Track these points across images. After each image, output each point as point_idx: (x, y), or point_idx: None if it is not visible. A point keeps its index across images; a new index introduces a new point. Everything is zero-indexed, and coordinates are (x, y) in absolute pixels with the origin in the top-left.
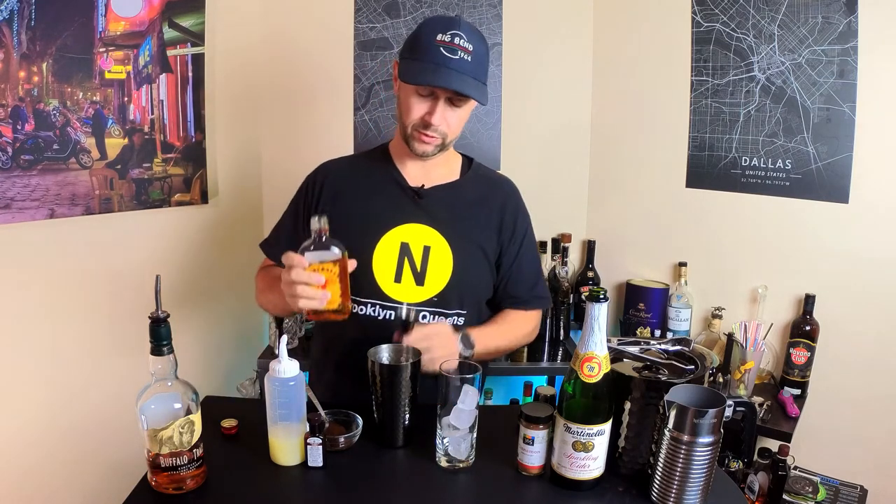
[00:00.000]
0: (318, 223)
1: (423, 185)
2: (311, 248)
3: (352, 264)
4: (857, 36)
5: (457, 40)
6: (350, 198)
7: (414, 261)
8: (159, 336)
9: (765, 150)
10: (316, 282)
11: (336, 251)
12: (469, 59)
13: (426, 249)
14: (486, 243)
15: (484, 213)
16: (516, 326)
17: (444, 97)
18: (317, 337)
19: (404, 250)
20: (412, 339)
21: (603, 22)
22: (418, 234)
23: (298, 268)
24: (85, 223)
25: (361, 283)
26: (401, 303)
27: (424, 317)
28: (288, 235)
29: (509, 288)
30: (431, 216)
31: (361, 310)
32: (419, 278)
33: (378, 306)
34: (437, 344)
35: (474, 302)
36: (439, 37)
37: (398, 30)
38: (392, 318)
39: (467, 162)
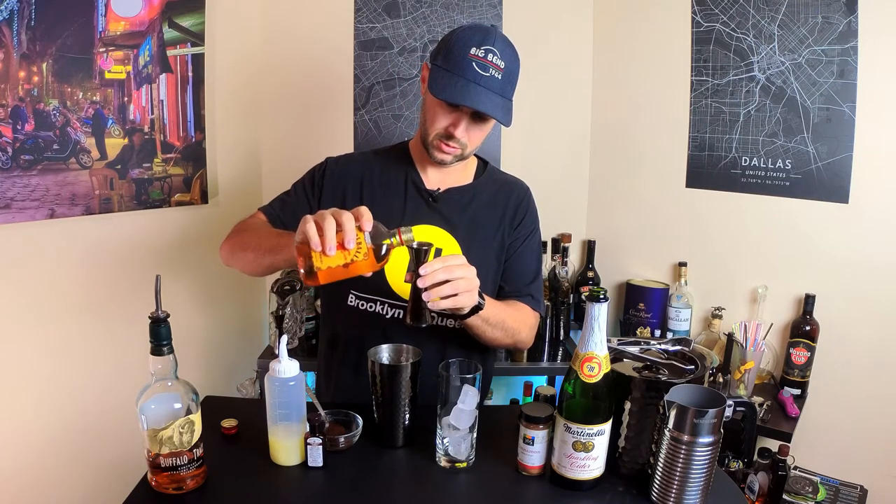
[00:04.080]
0: (405, 232)
1: (438, 189)
2: (377, 231)
3: (369, 272)
4: (857, 36)
5: (490, 56)
6: (368, 192)
7: (425, 262)
8: (159, 336)
9: (765, 150)
10: (348, 239)
11: (382, 252)
12: (499, 76)
13: (438, 253)
14: (497, 245)
15: (496, 216)
16: (519, 312)
17: (469, 112)
18: (322, 334)
19: None
20: (430, 270)
21: (603, 22)
22: (431, 237)
23: (354, 218)
24: (85, 223)
25: (372, 281)
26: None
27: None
28: (292, 209)
29: (505, 279)
30: (444, 219)
31: (371, 307)
32: None
33: (387, 304)
34: (461, 275)
35: None
36: (473, 51)
37: (398, 30)
38: (400, 315)
39: (482, 165)
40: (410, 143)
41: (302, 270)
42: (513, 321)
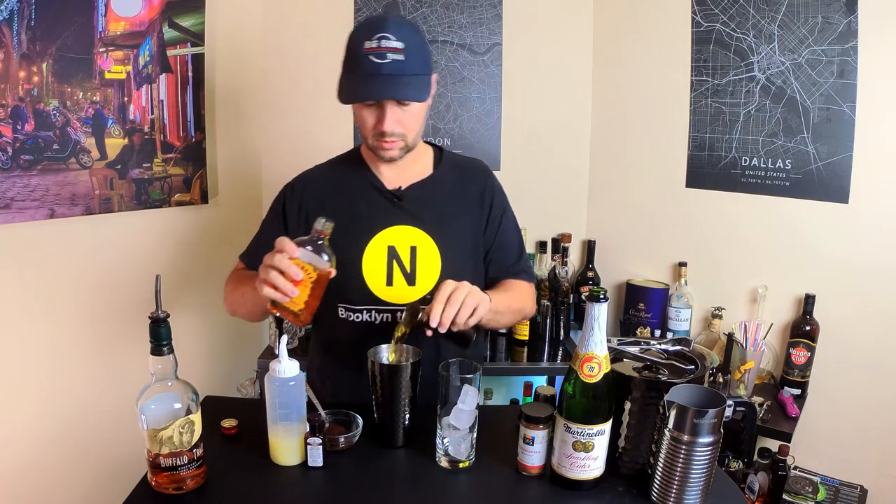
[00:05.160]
0: (321, 225)
1: (400, 187)
2: (305, 245)
3: (332, 272)
4: (857, 36)
5: (384, 43)
6: (331, 206)
7: (403, 262)
8: (159, 336)
9: (765, 150)
10: (293, 274)
11: (324, 260)
12: (402, 57)
13: (413, 250)
14: (470, 230)
15: (463, 201)
16: (517, 290)
17: (389, 103)
18: (314, 342)
19: (392, 253)
20: (439, 315)
21: (603, 22)
22: (403, 236)
23: (285, 254)
24: (85, 223)
25: (354, 290)
26: (395, 304)
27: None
28: (267, 251)
29: (493, 263)
30: (413, 216)
31: (358, 316)
32: (410, 279)
33: (374, 311)
34: (463, 295)
35: None
36: (367, 45)
37: None
38: (389, 319)
39: (438, 153)
40: (362, 147)
41: (293, 319)
42: (516, 302)
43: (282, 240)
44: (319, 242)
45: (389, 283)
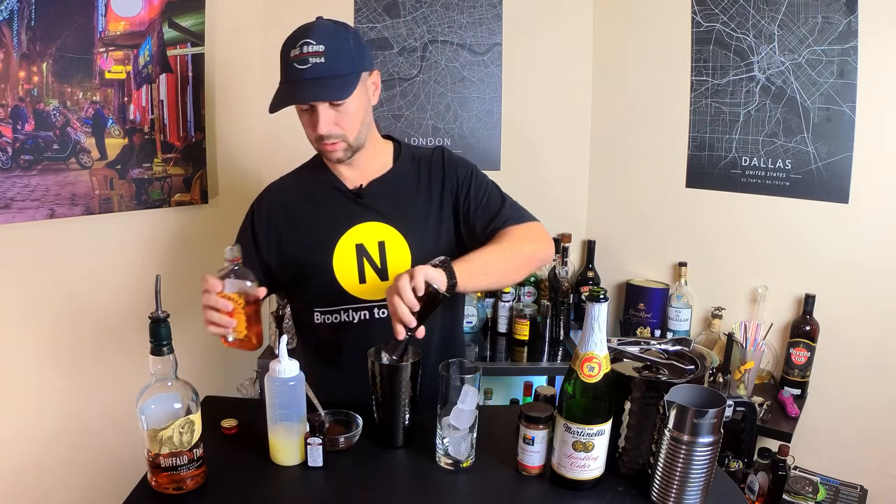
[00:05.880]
0: (230, 253)
1: (361, 185)
2: (228, 275)
3: (261, 292)
4: (857, 36)
5: (306, 48)
6: (298, 214)
7: (373, 259)
8: (159, 336)
9: (765, 150)
10: (223, 307)
11: (248, 284)
12: (322, 60)
13: (381, 245)
14: (437, 215)
15: (424, 189)
16: (505, 240)
17: (321, 105)
18: (299, 350)
19: (361, 251)
20: (403, 328)
21: (603, 22)
22: (370, 233)
23: (212, 292)
24: (85, 223)
25: (329, 293)
26: (372, 301)
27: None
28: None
29: (478, 225)
30: (377, 212)
31: (336, 318)
32: (382, 274)
33: (350, 310)
34: (395, 293)
35: None
36: (292, 52)
37: (398, 30)
38: (367, 317)
39: (398, 147)
40: None
41: (248, 346)
42: (504, 248)
43: (205, 278)
44: (236, 269)
45: (362, 280)
